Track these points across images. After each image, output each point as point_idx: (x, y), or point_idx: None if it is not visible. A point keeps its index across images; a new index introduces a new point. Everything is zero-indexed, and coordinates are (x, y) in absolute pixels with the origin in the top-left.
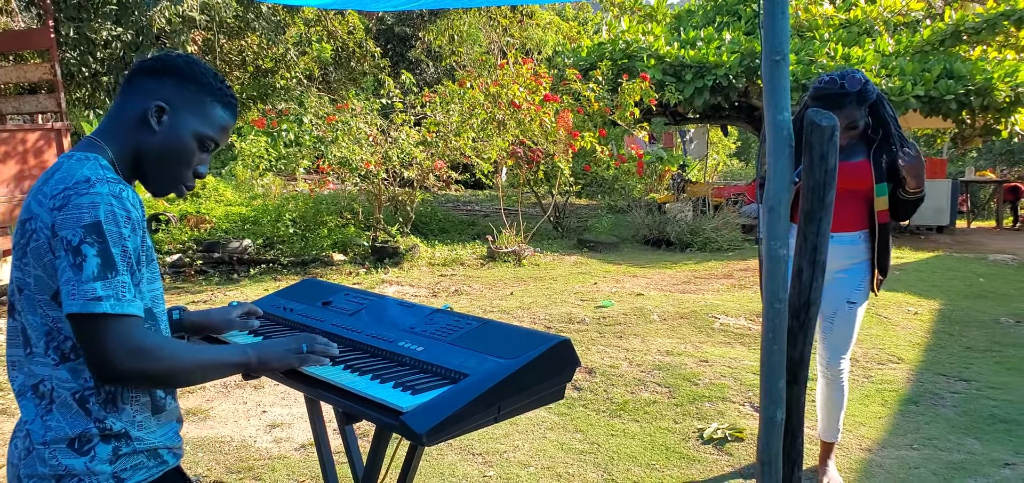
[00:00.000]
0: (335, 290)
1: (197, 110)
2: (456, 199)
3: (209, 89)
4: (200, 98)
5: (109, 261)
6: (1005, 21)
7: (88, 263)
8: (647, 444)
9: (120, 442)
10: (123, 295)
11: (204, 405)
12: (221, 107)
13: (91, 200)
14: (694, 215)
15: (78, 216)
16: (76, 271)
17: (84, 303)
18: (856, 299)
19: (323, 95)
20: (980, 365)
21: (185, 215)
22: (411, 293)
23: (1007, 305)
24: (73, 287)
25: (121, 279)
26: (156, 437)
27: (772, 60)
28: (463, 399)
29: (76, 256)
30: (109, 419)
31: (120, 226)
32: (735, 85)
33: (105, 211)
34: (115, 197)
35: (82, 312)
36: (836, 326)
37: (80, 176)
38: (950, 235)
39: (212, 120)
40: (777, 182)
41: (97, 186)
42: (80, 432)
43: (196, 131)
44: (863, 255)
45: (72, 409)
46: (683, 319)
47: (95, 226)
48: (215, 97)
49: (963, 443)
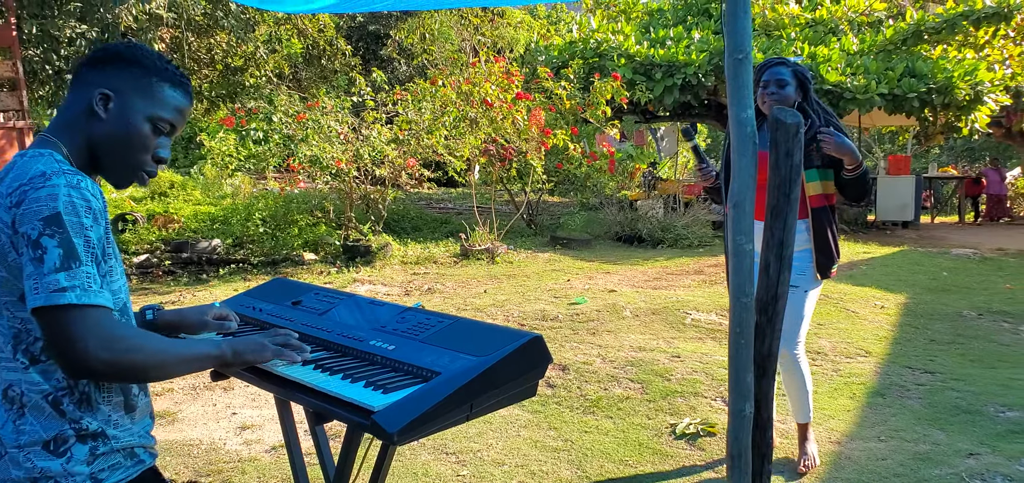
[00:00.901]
0: (305, 289)
1: (145, 92)
2: (429, 197)
3: (154, 70)
4: (146, 80)
5: (72, 251)
6: (964, 21)
7: (49, 255)
8: (620, 440)
9: (97, 442)
10: (89, 285)
11: (172, 408)
12: (169, 87)
13: (49, 192)
14: (665, 212)
15: (36, 209)
16: (37, 265)
17: (48, 296)
18: (798, 283)
19: (293, 93)
20: (944, 357)
21: (153, 215)
22: (383, 292)
23: (970, 298)
24: (35, 281)
25: (86, 269)
26: (132, 436)
27: (735, 58)
28: (434, 397)
29: (36, 250)
30: (85, 419)
31: (81, 216)
32: (704, 83)
33: (64, 202)
34: (73, 187)
35: (46, 305)
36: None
37: (35, 171)
38: (915, 230)
39: (163, 101)
40: (742, 179)
41: (53, 179)
42: (55, 434)
43: (147, 114)
44: (804, 243)
45: (45, 412)
46: (655, 315)
47: (54, 217)
48: (162, 77)
49: (929, 434)
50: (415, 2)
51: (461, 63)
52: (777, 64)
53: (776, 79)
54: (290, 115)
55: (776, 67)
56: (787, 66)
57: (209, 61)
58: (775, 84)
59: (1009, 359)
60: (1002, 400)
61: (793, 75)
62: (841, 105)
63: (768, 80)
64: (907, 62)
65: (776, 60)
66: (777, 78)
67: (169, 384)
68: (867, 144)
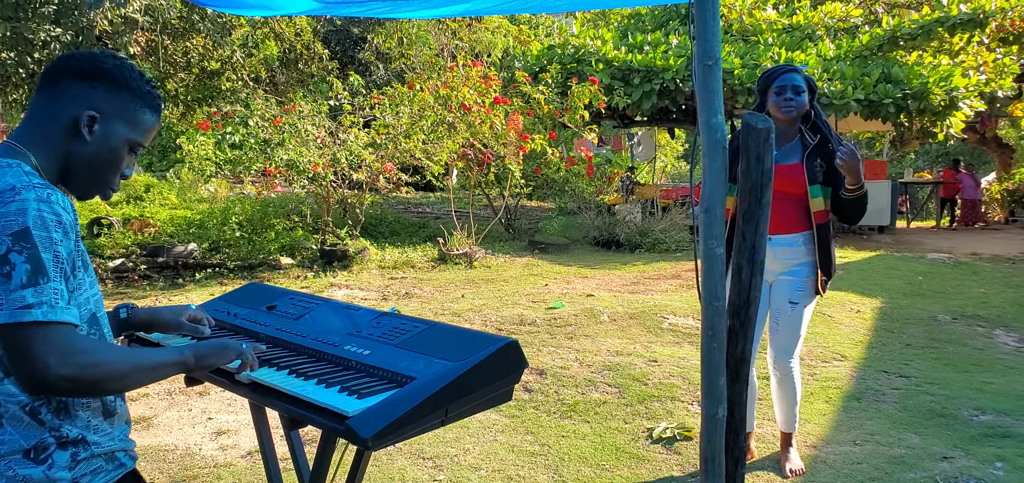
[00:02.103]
0: (280, 294)
1: (128, 117)
2: (407, 201)
3: (139, 94)
4: (132, 105)
5: (40, 268)
6: (939, 27)
7: (17, 271)
8: (597, 445)
9: (78, 448)
10: (56, 302)
11: (148, 413)
12: (149, 111)
13: (18, 207)
14: (643, 216)
15: (5, 224)
16: (4, 280)
17: (12, 312)
18: (798, 300)
19: (270, 97)
20: (919, 361)
21: (128, 219)
22: (360, 296)
23: (944, 302)
24: (1, 298)
25: (53, 286)
26: (112, 440)
27: (705, 64)
28: (409, 403)
29: (3, 265)
30: (64, 427)
31: (50, 231)
32: (682, 89)
33: (33, 217)
34: (43, 202)
35: (11, 322)
36: (781, 327)
37: (3, 184)
38: (891, 235)
39: (141, 125)
40: (712, 183)
41: (23, 193)
42: (35, 442)
43: (128, 138)
44: (805, 256)
45: (24, 422)
46: (633, 319)
47: (23, 233)
48: (144, 102)
49: (903, 438)
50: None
51: (439, 67)
52: (790, 71)
53: (792, 85)
54: (267, 119)
55: (790, 73)
56: (799, 73)
57: (185, 65)
58: (792, 90)
59: (982, 363)
60: (976, 404)
61: (806, 82)
62: None
63: (783, 86)
64: (883, 68)
65: (787, 67)
66: (793, 84)
67: (144, 389)
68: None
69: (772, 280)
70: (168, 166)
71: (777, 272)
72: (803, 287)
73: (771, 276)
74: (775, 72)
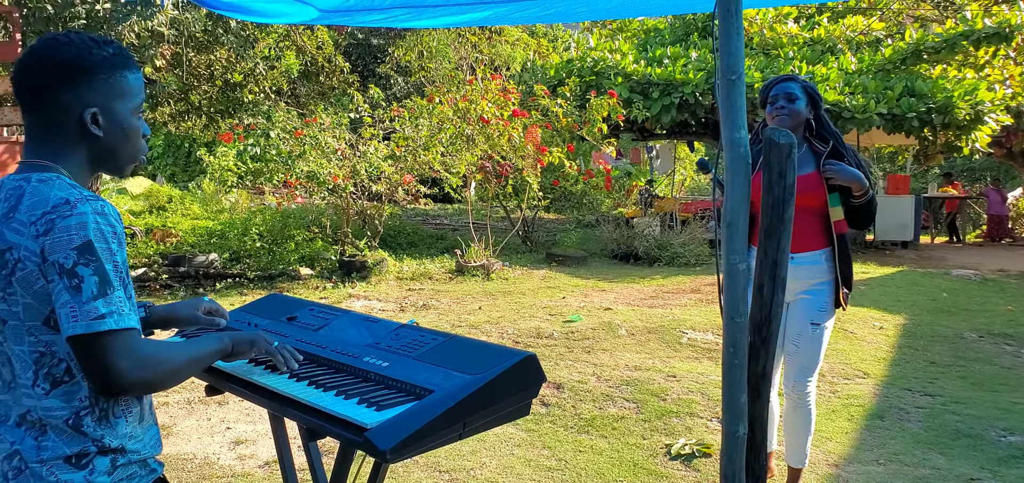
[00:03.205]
0: (300, 305)
1: (119, 91)
2: (425, 213)
3: (111, 65)
4: (113, 78)
5: (105, 279)
6: (964, 41)
7: (86, 284)
8: (615, 460)
9: (116, 455)
10: (123, 310)
11: (167, 422)
12: (128, 72)
13: (78, 221)
14: (662, 230)
15: (68, 239)
16: (74, 293)
17: (88, 324)
18: (820, 320)
19: (291, 109)
20: (944, 380)
21: (151, 229)
22: (379, 307)
23: (970, 320)
24: (73, 309)
25: (118, 295)
26: (147, 447)
27: (728, 79)
28: (428, 415)
29: (72, 279)
30: (106, 437)
31: (109, 242)
32: (702, 102)
33: (94, 230)
34: (99, 214)
35: (87, 333)
36: (801, 347)
37: (57, 198)
38: (914, 250)
39: (134, 90)
40: (735, 198)
41: (79, 206)
42: (78, 450)
43: (131, 108)
44: (827, 274)
45: (66, 433)
46: (651, 334)
47: (87, 246)
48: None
49: (928, 458)
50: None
51: (458, 80)
52: (785, 80)
53: (785, 93)
54: (288, 131)
55: (784, 82)
56: (796, 81)
57: (209, 77)
58: (784, 98)
59: (1010, 383)
60: (1003, 424)
61: (803, 90)
62: (839, 124)
63: (776, 95)
64: (906, 81)
65: (784, 76)
66: (786, 92)
67: (164, 398)
68: (866, 163)
69: (791, 299)
70: (190, 177)
71: (797, 291)
72: (825, 306)
73: (790, 295)
74: (771, 83)
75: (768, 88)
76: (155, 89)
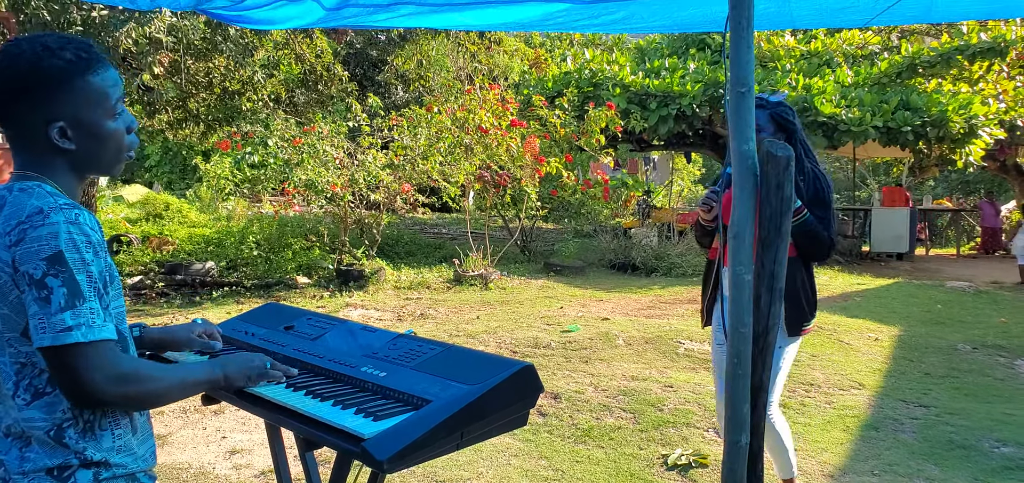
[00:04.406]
0: (298, 314)
1: (85, 98)
2: (423, 222)
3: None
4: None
5: (75, 290)
6: (959, 55)
7: (54, 295)
8: (612, 470)
9: (100, 468)
10: (93, 321)
11: (162, 431)
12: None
13: (49, 231)
14: (659, 240)
15: (37, 249)
16: (43, 305)
17: (54, 336)
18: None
19: (289, 118)
20: (939, 391)
21: (147, 236)
22: (376, 317)
23: (964, 331)
24: (41, 321)
25: (89, 306)
26: (136, 461)
27: (738, 92)
28: (425, 425)
29: (41, 290)
30: (88, 449)
31: (82, 252)
32: (698, 114)
33: (65, 240)
34: (72, 223)
35: (53, 345)
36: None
37: (32, 208)
38: (909, 262)
39: (103, 92)
40: (742, 210)
41: (52, 216)
42: (60, 463)
43: (104, 113)
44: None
45: (49, 445)
46: (648, 344)
47: (56, 256)
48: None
49: (923, 469)
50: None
51: (456, 90)
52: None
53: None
54: (286, 139)
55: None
56: (764, 109)
57: (207, 84)
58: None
59: (1004, 394)
60: (997, 435)
61: (770, 119)
62: (835, 137)
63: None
64: (901, 95)
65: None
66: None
67: (159, 407)
68: (862, 175)
69: None
70: (187, 185)
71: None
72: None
73: None
74: None
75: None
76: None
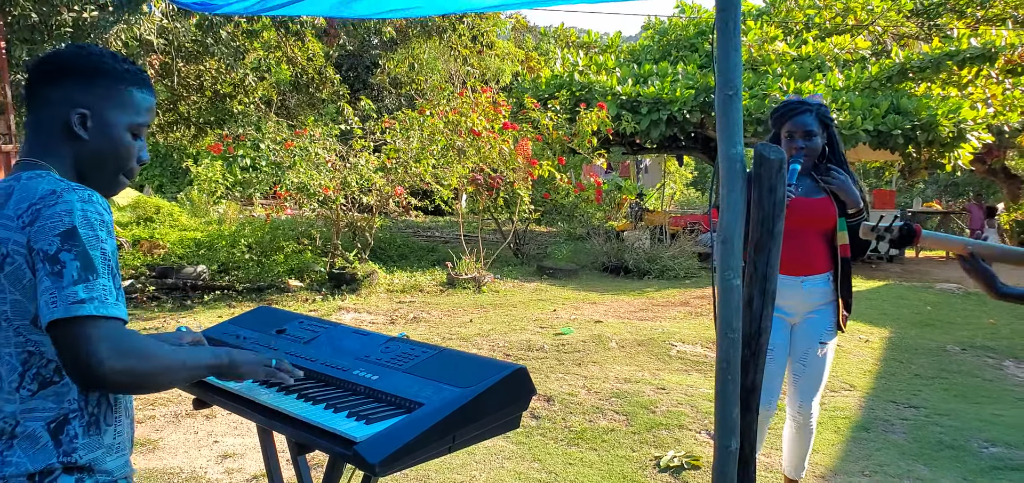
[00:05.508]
0: (289, 318)
1: (119, 102)
2: (416, 225)
3: (117, 75)
4: (116, 89)
5: (89, 264)
6: (948, 61)
7: (68, 269)
8: (604, 473)
9: (83, 474)
10: (106, 297)
11: (153, 435)
12: (138, 90)
13: (64, 208)
14: (652, 243)
15: (53, 226)
16: (55, 279)
17: (66, 308)
18: (826, 339)
19: (281, 121)
20: (928, 392)
21: (138, 240)
22: (369, 320)
23: (953, 333)
24: (53, 295)
25: (103, 282)
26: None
27: (725, 94)
28: (418, 429)
29: (54, 265)
30: (78, 452)
31: (96, 229)
32: (690, 119)
33: (79, 217)
34: (86, 202)
35: (65, 317)
36: (808, 367)
37: (44, 189)
38: (900, 264)
39: (137, 106)
40: (731, 214)
41: (65, 195)
42: (42, 467)
43: (127, 124)
44: (831, 296)
45: (39, 443)
46: (641, 346)
47: (71, 232)
48: (126, 81)
49: (913, 469)
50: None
51: (449, 93)
52: (801, 111)
53: (803, 130)
54: (278, 142)
55: (802, 116)
56: (811, 112)
57: (198, 87)
58: (802, 135)
59: (992, 395)
60: (986, 436)
61: (818, 122)
62: None
63: (793, 132)
64: (892, 99)
65: (801, 106)
66: (805, 129)
67: (151, 411)
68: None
69: (796, 321)
70: (178, 188)
71: (804, 313)
72: (831, 325)
73: (796, 317)
74: (787, 111)
75: (783, 114)
76: None
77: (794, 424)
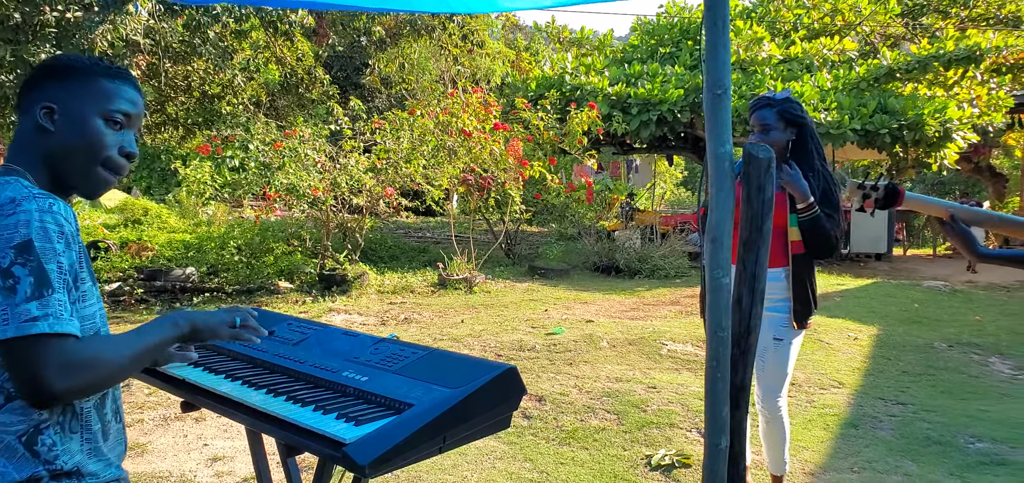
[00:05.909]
0: (279, 319)
1: (89, 92)
2: (407, 226)
3: (93, 70)
4: (87, 82)
5: (44, 279)
6: (935, 62)
7: (21, 284)
8: (596, 472)
9: (72, 480)
10: (61, 314)
11: (142, 439)
12: (108, 80)
13: (19, 218)
14: (642, 243)
15: (7, 237)
16: (8, 294)
17: (19, 326)
18: (783, 335)
19: (270, 121)
20: (916, 389)
21: (126, 242)
22: (359, 322)
23: (940, 330)
24: (6, 312)
25: (57, 297)
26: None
27: (714, 93)
28: (407, 430)
29: (7, 279)
30: (60, 459)
31: (53, 241)
32: (680, 119)
33: (36, 228)
34: (45, 212)
35: (17, 336)
36: (767, 365)
37: (4, 198)
38: (888, 262)
39: (108, 94)
40: (720, 213)
41: (24, 204)
42: (28, 476)
43: (97, 111)
44: (783, 292)
45: (18, 453)
46: (632, 346)
47: (26, 245)
48: (104, 75)
49: (901, 465)
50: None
51: (439, 93)
52: (760, 106)
53: (760, 124)
54: (267, 143)
55: (762, 110)
56: (772, 108)
57: (186, 88)
58: (759, 130)
59: (978, 391)
60: (972, 431)
61: (779, 117)
62: None
63: (753, 125)
64: (879, 99)
65: (763, 100)
66: (761, 123)
67: (139, 414)
68: (841, 177)
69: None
70: (166, 190)
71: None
72: (787, 322)
73: None
74: (753, 105)
75: (751, 108)
76: None
77: (762, 420)
